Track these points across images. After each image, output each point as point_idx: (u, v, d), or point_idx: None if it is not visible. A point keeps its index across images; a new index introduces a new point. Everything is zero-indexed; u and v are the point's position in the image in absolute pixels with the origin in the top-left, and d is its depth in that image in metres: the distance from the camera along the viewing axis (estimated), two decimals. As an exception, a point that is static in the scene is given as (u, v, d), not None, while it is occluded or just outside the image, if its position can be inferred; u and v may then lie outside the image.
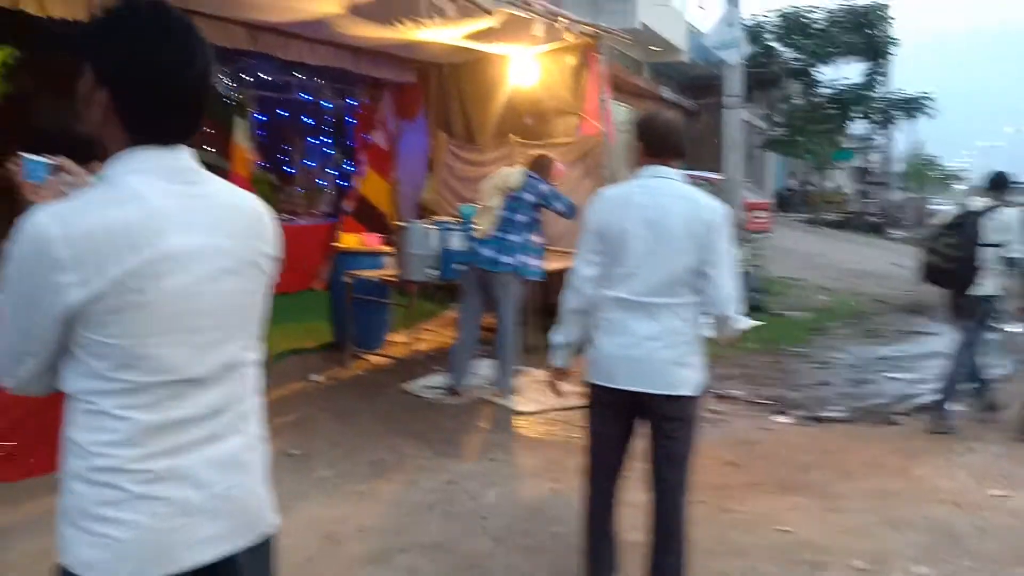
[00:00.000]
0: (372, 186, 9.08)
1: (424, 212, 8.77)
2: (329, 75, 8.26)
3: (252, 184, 7.24)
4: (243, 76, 7.64)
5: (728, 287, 2.66)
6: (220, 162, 8.11)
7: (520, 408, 5.38)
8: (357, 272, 6.15)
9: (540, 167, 5.50)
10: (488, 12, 5.50)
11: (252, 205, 1.41)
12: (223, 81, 7.44)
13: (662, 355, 2.64)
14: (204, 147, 7.82)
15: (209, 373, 1.30)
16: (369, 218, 8.88)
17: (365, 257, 6.46)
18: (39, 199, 1.37)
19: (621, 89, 12.20)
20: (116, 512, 1.24)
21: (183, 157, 1.31)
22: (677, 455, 2.74)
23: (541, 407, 5.40)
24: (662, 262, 2.64)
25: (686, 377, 2.68)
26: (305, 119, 9.31)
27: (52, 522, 3.43)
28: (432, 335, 7.30)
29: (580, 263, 2.80)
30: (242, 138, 7.44)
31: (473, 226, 5.67)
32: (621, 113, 11.41)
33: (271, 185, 8.22)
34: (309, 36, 6.82)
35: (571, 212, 5.45)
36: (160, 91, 1.26)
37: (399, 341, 6.85)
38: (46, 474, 3.76)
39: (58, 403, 3.55)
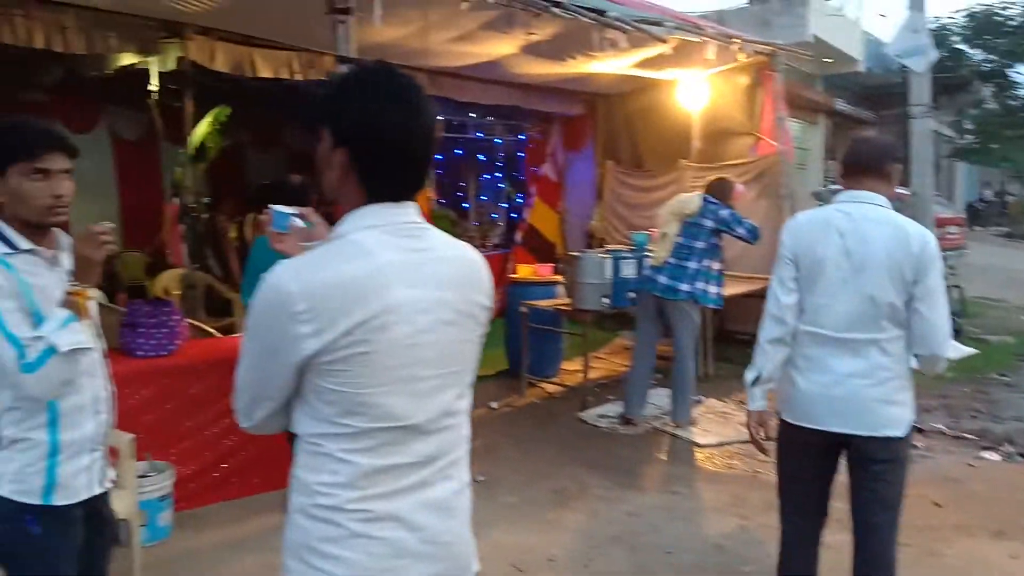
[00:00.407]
0: (541, 217, 9.28)
1: (592, 240, 8.85)
2: (500, 112, 8.56)
3: (433, 220, 7.59)
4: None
5: (940, 323, 2.47)
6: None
7: (699, 440, 5.26)
8: (532, 302, 6.28)
9: (719, 191, 5.37)
10: (662, 40, 5.50)
11: (470, 257, 1.46)
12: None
13: (869, 393, 2.48)
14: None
15: (427, 421, 1.36)
16: (538, 248, 9.07)
17: (538, 287, 6.59)
18: (282, 247, 1.50)
19: (794, 104, 11.73)
20: (336, 549, 1.31)
21: (410, 212, 1.38)
22: (888, 498, 2.56)
23: (721, 439, 5.26)
24: (861, 295, 2.48)
25: (896, 416, 2.51)
26: (479, 156, 9.69)
27: (273, 538, 3.71)
28: (604, 363, 7.31)
29: (779, 290, 2.64)
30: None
31: (649, 253, 5.65)
32: (794, 129, 10.99)
33: (450, 221, 8.58)
34: (483, 77, 7.12)
35: (753, 236, 5.28)
36: (393, 149, 1.33)
37: (572, 369, 6.91)
38: (266, 492, 4.13)
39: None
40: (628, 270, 5.77)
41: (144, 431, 3.41)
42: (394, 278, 1.31)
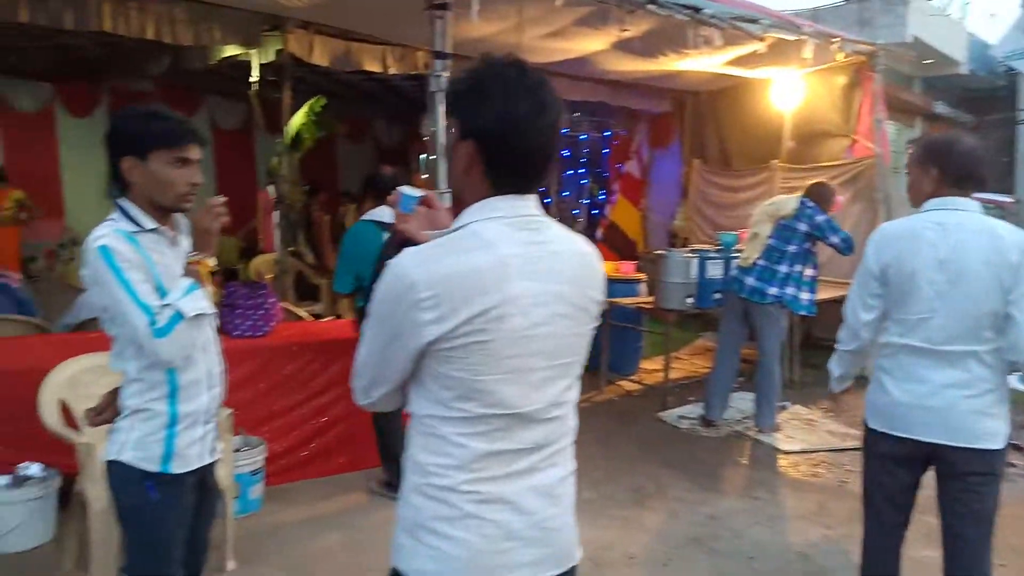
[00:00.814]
0: (623, 214, 9.23)
1: (675, 239, 8.74)
2: (587, 109, 8.54)
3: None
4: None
5: None
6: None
7: (783, 446, 5.14)
8: (613, 299, 6.25)
9: (819, 195, 5.19)
10: (759, 38, 5.38)
11: (585, 251, 1.48)
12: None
13: (967, 405, 2.39)
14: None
15: (537, 410, 1.39)
16: (619, 246, 9.02)
17: (620, 284, 6.54)
18: (405, 228, 1.54)
19: (891, 106, 11.31)
20: (449, 528, 1.35)
21: (531, 206, 1.40)
22: (981, 512, 2.46)
23: (806, 446, 5.12)
24: (959, 307, 2.37)
25: (993, 428, 2.41)
26: (563, 152, 9.68)
27: (356, 517, 3.82)
28: (684, 364, 7.22)
29: (858, 306, 2.60)
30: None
31: (736, 254, 5.55)
32: (890, 131, 10.58)
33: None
34: (571, 73, 7.10)
35: (847, 248, 5.08)
36: (519, 142, 1.35)
37: (651, 368, 6.84)
38: (350, 472, 4.25)
39: (356, 413, 3.95)
40: (714, 270, 5.68)
41: (239, 407, 3.53)
42: (514, 270, 1.33)
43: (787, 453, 5.04)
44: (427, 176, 8.17)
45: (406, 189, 1.60)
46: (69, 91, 8.66)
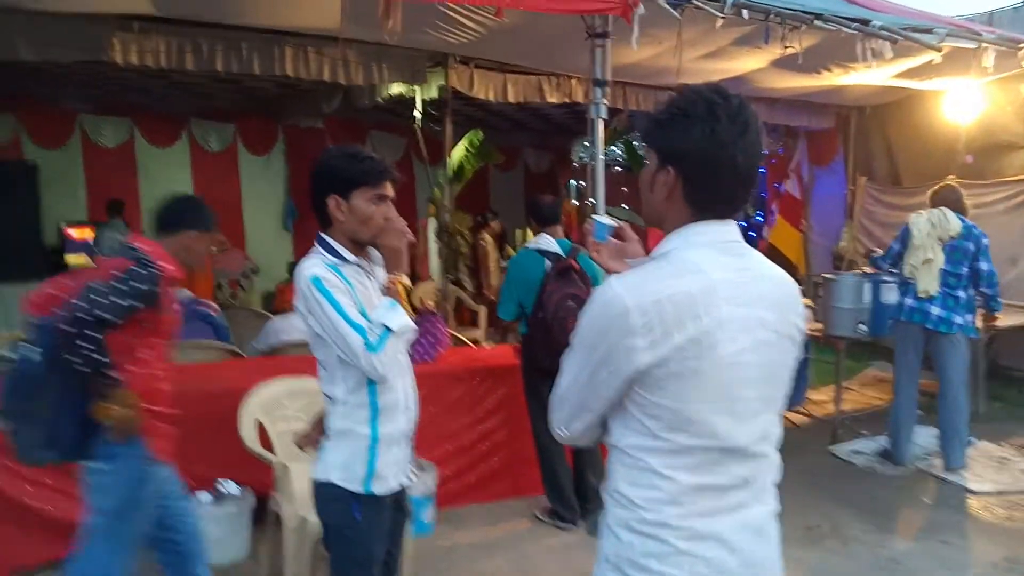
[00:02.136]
0: (782, 236, 8.87)
1: (839, 262, 8.30)
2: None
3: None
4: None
5: None
6: (636, 218, 8.63)
7: (972, 486, 4.73)
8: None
9: (956, 203, 4.95)
10: (937, 49, 5.05)
11: (786, 278, 1.45)
12: (640, 142, 7.92)
13: None
14: (622, 205, 8.38)
15: (747, 443, 1.35)
16: (738, 230, 8.67)
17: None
18: (599, 258, 1.56)
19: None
20: (660, 565, 1.33)
21: (733, 231, 1.39)
22: None
23: (999, 487, 4.70)
24: None
25: None
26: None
27: (521, 542, 3.83)
28: (854, 395, 6.81)
29: None
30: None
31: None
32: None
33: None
34: (727, 92, 6.95)
35: (992, 282, 4.89)
36: (723, 163, 1.34)
37: (818, 399, 6.51)
38: (512, 498, 4.30)
39: (519, 439, 3.98)
40: (889, 295, 5.33)
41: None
42: (723, 296, 1.31)
43: (977, 494, 4.64)
44: (576, 202, 8.21)
45: (601, 218, 1.60)
46: (249, 130, 9.41)
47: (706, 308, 1.29)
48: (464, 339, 5.16)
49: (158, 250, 2.35)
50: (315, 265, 2.04)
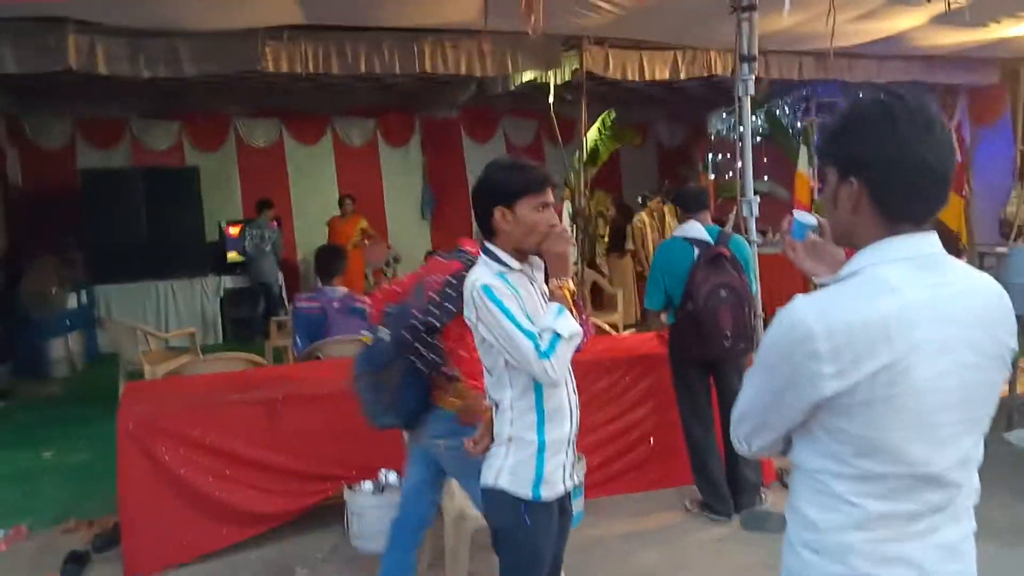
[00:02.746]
0: (942, 203, 8.27)
1: (1007, 229, 7.65)
2: (896, 87, 7.78)
3: (813, 210, 7.20)
4: (806, 105, 7.65)
5: None
6: (778, 190, 8.27)
7: None
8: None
9: None
10: None
11: (996, 291, 1.34)
12: (786, 111, 7.56)
13: None
14: (765, 177, 8.05)
15: (944, 470, 1.27)
16: (939, 239, 8.10)
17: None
18: (794, 256, 1.49)
19: None
20: None
21: (934, 243, 1.29)
22: None
23: None
24: None
25: None
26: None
27: (672, 534, 3.76)
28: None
29: None
30: (804, 165, 7.45)
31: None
32: None
33: (831, 209, 8.07)
34: (878, 54, 6.52)
35: None
36: (910, 170, 1.26)
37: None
38: (663, 488, 4.26)
39: (668, 428, 3.89)
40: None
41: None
42: (921, 317, 1.23)
43: None
44: (713, 176, 7.94)
45: (801, 215, 1.52)
46: (388, 123, 9.75)
47: (901, 332, 1.21)
48: (607, 327, 5.12)
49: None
50: (484, 274, 2.08)
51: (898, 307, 1.23)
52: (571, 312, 2.07)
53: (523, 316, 2.01)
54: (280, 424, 3.68)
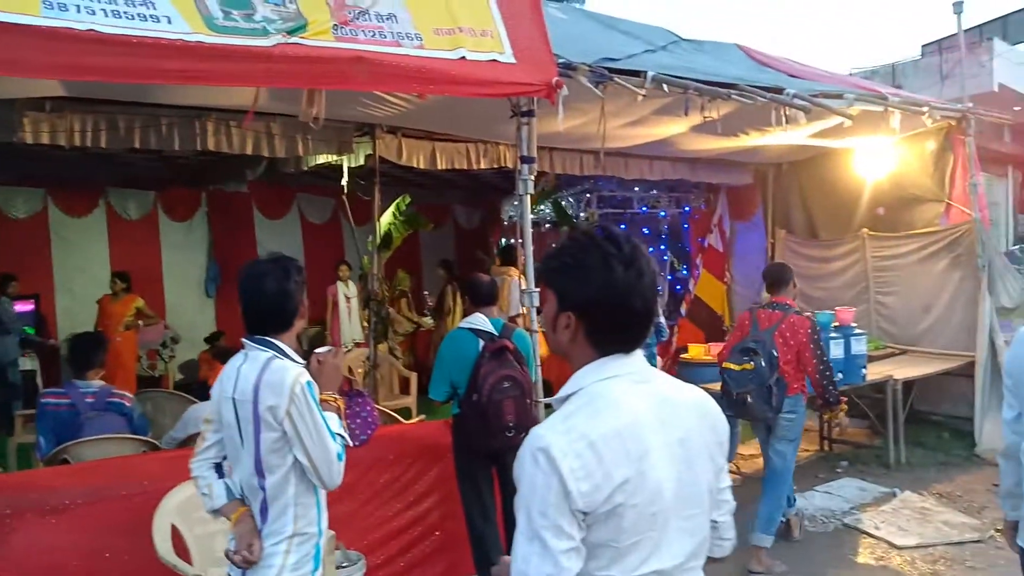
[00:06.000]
0: (707, 288, 9.08)
1: (763, 311, 8.51)
2: (665, 186, 8.53)
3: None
4: (588, 197, 8.17)
5: None
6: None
7: (897, 541, 4.83)
8: (705, 385, 6.06)
9: None
10: (848, 116, 5.29)
11: (701, 396, 1.49)
12: (571, 202, 8.04)
13: None
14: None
15: (674, 568, 1.37)
16: (705, 321, 8.85)
17: (710, 369, 6.36)
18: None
19: (980, 157, 10.90)
20: None
21: (638, 361, 1.43)
22: None
23: (921, 540, 4.80)
24: None
25: None
26: (643, 230, 9.65)
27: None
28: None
29: (1005, 404, 2.48)
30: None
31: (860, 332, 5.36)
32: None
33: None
34: (649, 155, 7.12)
35: None
36: (622, 309, 1.38)
37: (748, 454, 6.59)
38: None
39: (451, 520, 3.80)
40: (835, 350, 5.54)
41: (340, 521, 3.50)
42: (645, 426, 1.34)
43: (901, 549, 4.74)
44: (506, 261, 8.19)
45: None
46: (170, 197, 9.16)
47: (635, 440, 1.32)
48: (394, 415, 5.04)
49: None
50: (302, 373, 2.11)
51: (628, 419, 1.33)
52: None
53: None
54: (7, 543, 3.15)
